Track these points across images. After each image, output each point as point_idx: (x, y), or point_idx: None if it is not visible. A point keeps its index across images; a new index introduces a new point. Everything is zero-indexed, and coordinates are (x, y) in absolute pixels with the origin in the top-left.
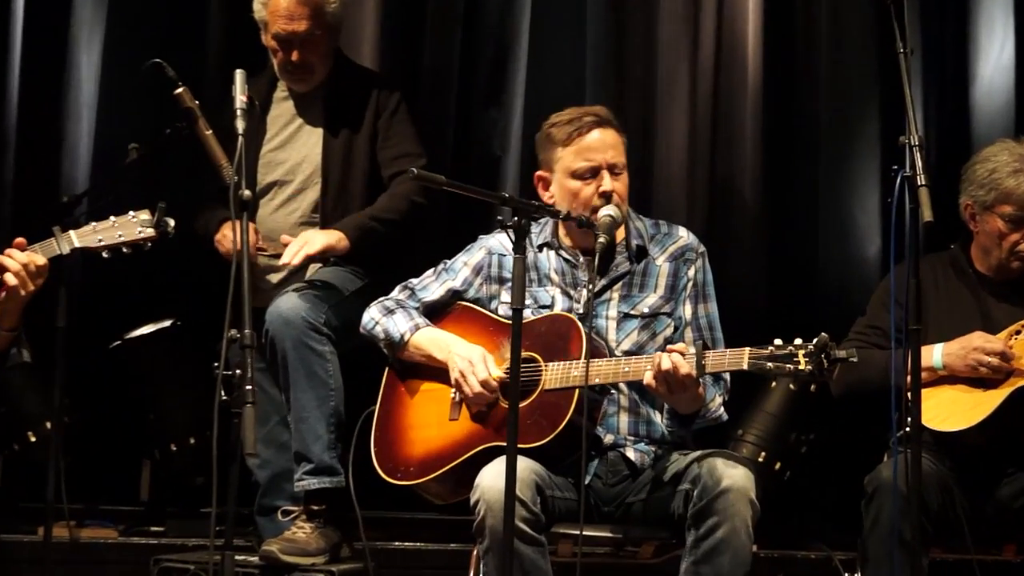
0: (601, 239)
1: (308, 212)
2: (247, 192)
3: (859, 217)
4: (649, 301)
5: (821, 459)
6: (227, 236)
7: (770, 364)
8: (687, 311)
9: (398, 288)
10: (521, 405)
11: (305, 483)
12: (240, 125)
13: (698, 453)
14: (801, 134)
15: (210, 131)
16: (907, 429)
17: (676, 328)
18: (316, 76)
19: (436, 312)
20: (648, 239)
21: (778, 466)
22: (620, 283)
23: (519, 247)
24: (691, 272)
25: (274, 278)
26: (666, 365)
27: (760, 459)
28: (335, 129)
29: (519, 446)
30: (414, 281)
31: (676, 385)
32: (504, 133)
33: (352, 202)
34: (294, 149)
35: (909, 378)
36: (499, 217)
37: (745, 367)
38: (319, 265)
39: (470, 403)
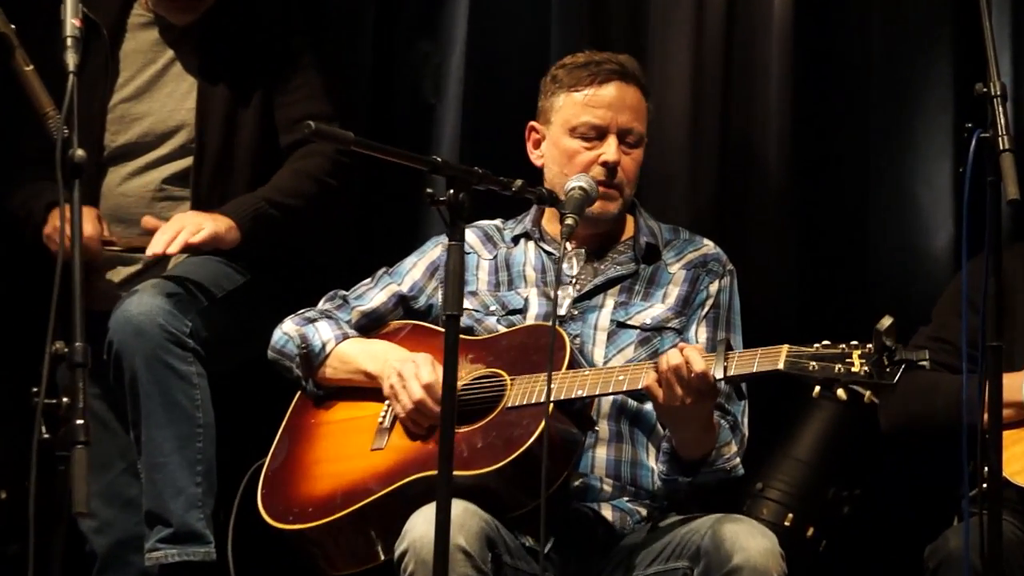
0: (568, 220)
1: (173, 186)
2: (80, 152)
3: (922, 193)
4: (654, 312)
5: (869, 523)
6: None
7: (814, 364)
8: (701, 335)
9: (325, 298)
10: (476, 426)
11: (160, 554)
12: (71, 59)
13: (702, 517)
14: (844, 78)
15: (31, 67)
16: (984, 484)
17: None
18: (204, 2)
19: (372, 329)
20: (663, 243)
21: (811, 532)
22: (618, 287)
23: (454, 231)
24: (713, 288)
25: (120, 273)
26: (675, 360)
27: (787, 522)
28: (215, 75)
29: (463, 473)
30: (345, 291)
31: (688, 390)
32: (439, 73)
33: (236, 176)
34: (156, 99)
35: (987, 415)
36: (428, 190)
37: (781, 367)
38: (184, 256)
39: (406, 421)
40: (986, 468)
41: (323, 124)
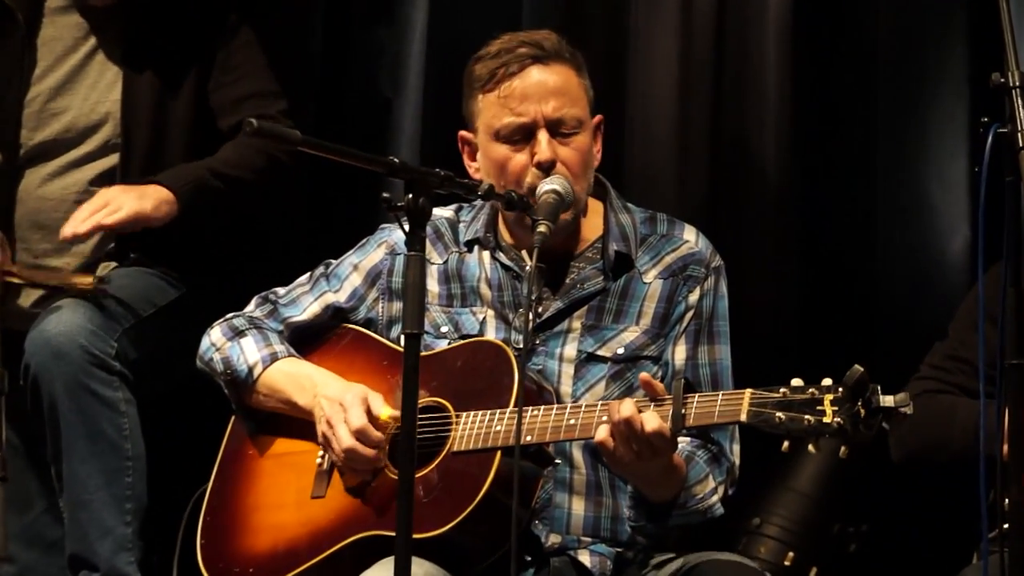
0: (541, 228)
1: (98, 187)
2: None
3: (935, 193)
4: (627, 337)
5: (878, 562)
6: None
7: (780, 416)
8: (678, 354)
9: (255, 300)
10: (420, 474)
11: None
12: None
13: (689, 557)
14: (850, 67)
15: None
16: (1005, 520)
17: (663, 379)
18: None
19: (309, 338)
20: (636, 241)
21: (814, 573)
22: (586, 307)
23: (413, 240)
24: (692, 297)
25: (33, 295)
26: (626, 411)
27: (787, 562)
28: (142, 62)
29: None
30: (280, 291)
31: (641, 447)
32: (396, 63)
33: None
34: (78, 91)
35: (1008, 443)
36: (385, 195)
37: (744, 419)
38: (111, 265)
39: (344, 470)
40: (1007, 501)
41: (278, 109)
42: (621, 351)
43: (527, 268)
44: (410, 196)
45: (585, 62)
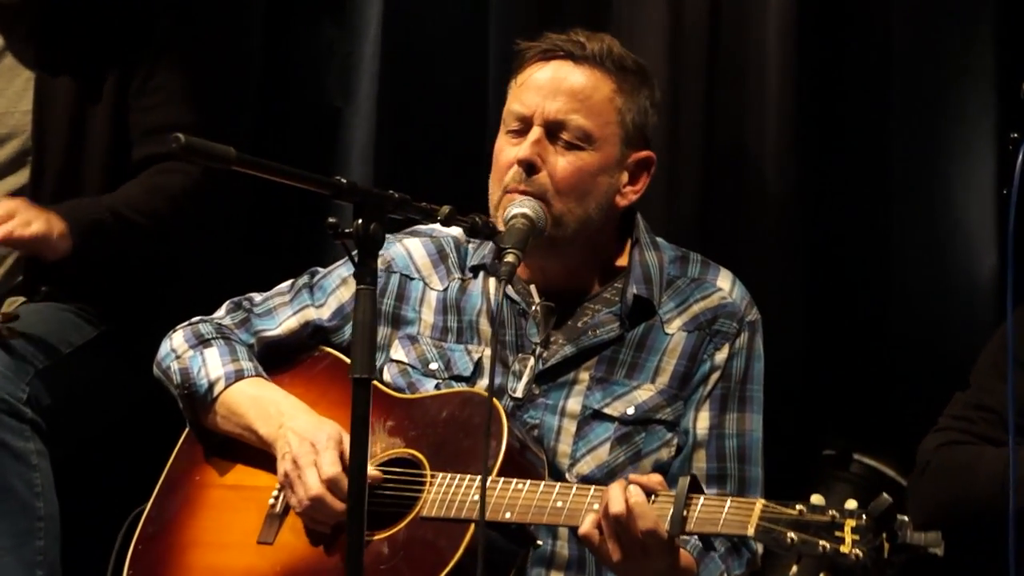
0: (508, 258)
1: None
2: None
3: (961, 218)
4: (640, 396)
5: None
6: None
7: (793, 536)
8: (700, 422)
9: (227, 305)
10: (383, 535)
11: None
12: None
13: None
14: (861, 76)
15: None
16: None
17: (680, 449)
18: None
19: (282, 357)
20: (661, 285)
21: None
22: (596, 357)
23: (362, 270)
24: (720, 356)
25: None
26: (616, 507)
27: None
28: (57, 67)
29: None
30: (256, 297)
31: (632, 545)
32: (347, 67)
33: (84, 194)
34: None
35: None
36: (331, 220)
37: (751, 533)
38: (19, 300)
39: (302, 517)
40: None
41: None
42: (631, 411)
43: (533, 306)
44: (359, 221)
45: (653, 91)
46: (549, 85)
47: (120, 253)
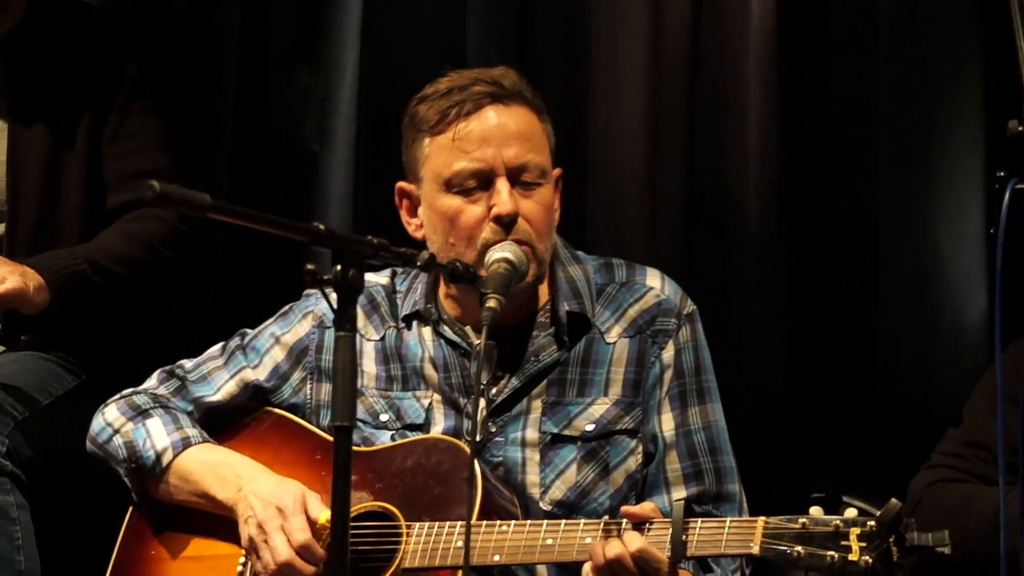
0: (490, 303)
1: None
2: None
3: (950, 256)
4: (596, 411)
5: None
6: None
7: (799, 549)
8: (665, 424)
9: (157, 375)
10: None
11: None
12: None
13: None
14: (846, 114)
15: None
16: None
17: (650, 456)
18: (10, 13)
19: (222, 422)
20: (592, 296)
21: None
22: (544, 382)
23: (342, 319)
24: (667, 354)
25: None
26: (615, 551)
27: None
28: (31, 115)
29: None
30: (187, 364)
31: None
32: (323, 112)
33: (60, 246)
34: None
35: None
36: (308, 266)
37: (755, 551)
38: None
39: None
40: None
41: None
42: (591, 428)
43: (476, 345)
44: (338, 268)
45: (545, 105)
46: (498, 133)
47: (98, 303)
